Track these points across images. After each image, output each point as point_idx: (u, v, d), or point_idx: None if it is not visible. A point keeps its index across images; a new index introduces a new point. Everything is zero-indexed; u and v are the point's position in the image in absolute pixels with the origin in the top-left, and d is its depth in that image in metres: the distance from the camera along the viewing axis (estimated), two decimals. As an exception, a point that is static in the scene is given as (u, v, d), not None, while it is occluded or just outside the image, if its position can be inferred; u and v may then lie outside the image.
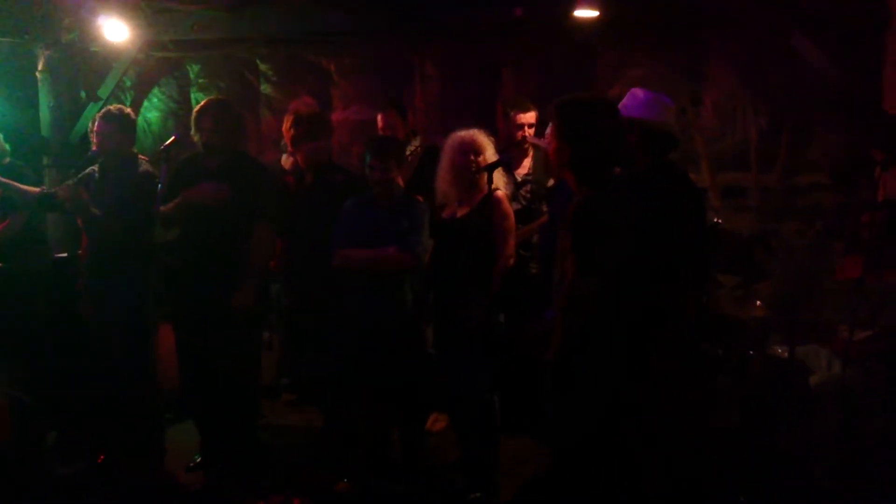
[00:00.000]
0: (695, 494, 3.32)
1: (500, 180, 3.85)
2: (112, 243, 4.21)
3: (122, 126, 4.28)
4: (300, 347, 4.86)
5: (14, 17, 5.40)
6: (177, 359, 4.28)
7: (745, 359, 4.08)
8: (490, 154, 3.81)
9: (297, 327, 4.62)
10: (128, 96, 6.31)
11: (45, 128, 5.89)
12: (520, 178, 4.62)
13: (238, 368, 4.11)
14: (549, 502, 3.38)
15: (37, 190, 4.50)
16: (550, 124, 3.06)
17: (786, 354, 3.98)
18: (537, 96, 4.97)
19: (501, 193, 3.81)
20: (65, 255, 5.04)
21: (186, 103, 6.47)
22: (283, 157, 5.04)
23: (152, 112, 6.47)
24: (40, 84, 5.87)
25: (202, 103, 4.24)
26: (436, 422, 4.54)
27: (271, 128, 6.26)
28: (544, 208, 4.44)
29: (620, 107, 3.46)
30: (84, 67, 5.99)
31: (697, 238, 3.22)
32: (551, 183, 4.35)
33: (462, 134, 3.85)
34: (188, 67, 6.44)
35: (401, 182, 3.98)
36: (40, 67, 5.83)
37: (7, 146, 4.65)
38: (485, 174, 3.61)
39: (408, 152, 4.75)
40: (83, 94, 5.99)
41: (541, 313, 3.20)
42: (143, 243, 4.25)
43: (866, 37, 4.38)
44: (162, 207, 4.11)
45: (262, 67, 6.39)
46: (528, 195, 4.62)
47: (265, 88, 6.40)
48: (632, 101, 3.48)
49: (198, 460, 4.25)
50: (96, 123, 4.28)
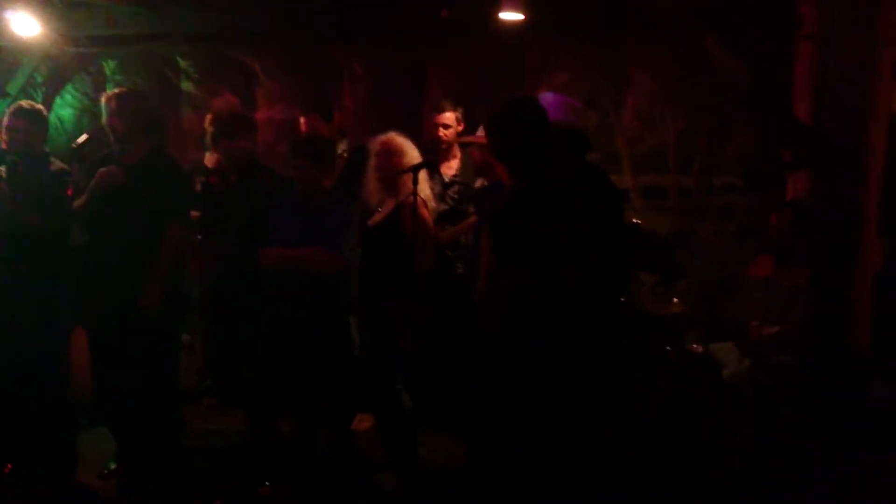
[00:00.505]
0: (614, 484, 3.40)
1: (425, 182, 3.85)
2: (24, 243, 4.07)
3: (34, 122, 4.16)
4: (222, 350, 4.79)
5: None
6: (90, 363, 4.13)
7: (662, 354, 4.21)
8: (412, 156, 3.80)
9: (219, 330, 4.55)
10: (39, 92, 6.07)
11: (-50, 124, 5.65)
12: (447, 179, 4.64)
13: (153, 371, 3.98)
14: (471, 496, 3.40)
15: None
16: (482, 125, 3.11)
17: (701, 350, 4.12)
18: (464, 98, 5.01)
19: (419, 199, 3.69)
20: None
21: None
22: (207, 155, 4.95)
23: (65, 109, 6.25)
24: (-55, 80, 5.64)
25: (109, 93, 4.09)
26: (361, 421, 4.52)
27: (193, 125, 6.12)
28: (472, 209, 4.47)
29: None
30: (-7, 62, 5.77)
31: (616, 237, 3.29)
32: (480, 184, 4.39)
33: (382, 137, 3.86)
34: (104, 63, 6.24)
35: (328, 183, 3.95)
36: (-56, 62, 5.60)
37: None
38: (408, 176, 3.61)
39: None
40: (-8, 89, 5.77)
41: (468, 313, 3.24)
42: (56, 244, 4.14)
43: (778, 43, 4.55)
44: (76, 203, 4.01)
45: (183, 64, 6.24)
46: (456, 196, 4.64)
47: (186, 86, 6.26)
48: (551, 104, 3.54)
49: (112, 467, 4.10)
50: (6, 119, 4.14)
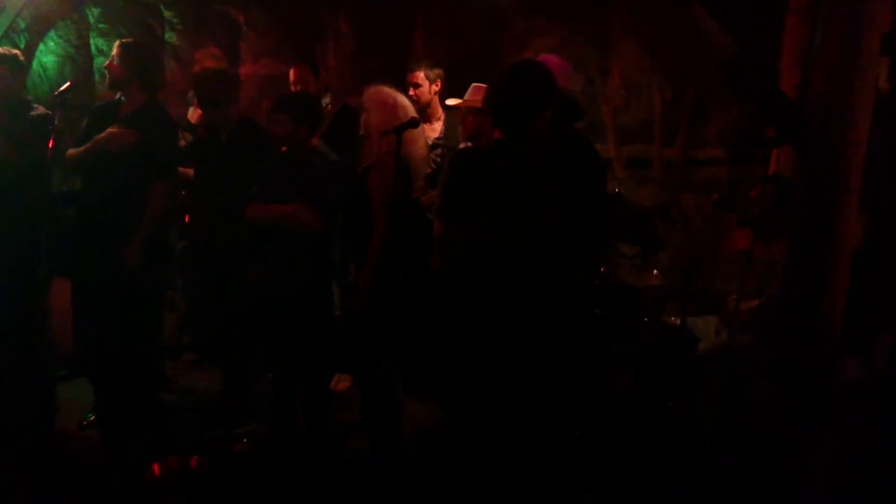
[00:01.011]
0: (583, 452, 3.46)
1: (415, 143, 3.76)
2: (7, 190, 4.06)
3: (12, 68, 4.12)
4: (204, 306, 4.79)
5: None
6: (72, 314, 4.14)
7: (640, 326, 4.25)
8: (400, 112, 3.70)
9: (201, 286, 4.54)
10: (21, 38, 5.94)
11: (-72, 69, 5.53)
12: (430, 142, 4.61)
13: (135, 325, 4.01)
14: (446, 463, 3.45)
15: None
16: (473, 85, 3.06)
17: (678, 322, 4.16)
18: (446, 60, 4.97)
19: (389, 158, 3.62)
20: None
21: (85, 48, 6.17)
22: (190, 110, 4.89)
23: (48, 56, 6.14)
24: (-75, 22, 5.52)
25: (119, 42, 4.06)
26: (339, 382, 4.54)
27: (177, 78, 6.04)
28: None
29: None
30: (-27, 7, 5.64)
31: (594, 205, 3.29)
32: (463, 146, 4.37)
33: (369, 90, 3.79)
34: (87, 11, 6.12)
35: (315, 140, 3.92)
36: (-78, 4, 5.48)
37: None
38: (376, 136, 3.58)
39: None
40: (-28, 34, 5.66)
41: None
42: (36, 191, 4.09)
43: (764, 17, 4.54)
44: (71, 151, 4.01)
45: (167, 14, 6.14)
46: (439, 158, 4.62)
47: (170, 37, 6.15)
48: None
49: (91, 419, 4.15)
50: None
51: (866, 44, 3.14)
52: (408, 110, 3.75)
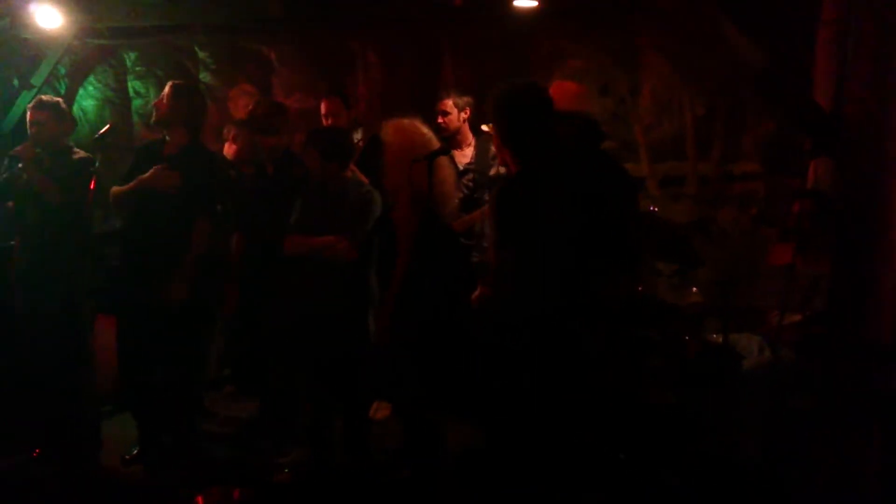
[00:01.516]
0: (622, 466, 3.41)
1: (448, 172, 3.76)
2: (48, 231, 4.15)
3: (55, 114, 4.23)
4: (243, 339, 4.84)
5: (-57, 3, 5.25)
6: (116, 350, 4.20)
7: (680, 344, 4.18)
8: (422, 142, 3.68)
9: (241, 319, 4.60)
10: (62, 84, 6.14)
11: (-25, 116, 5.74)
12: (461, 167, 4.64)
13: (178, 361, 4.07)
14: (485, 483, 3.43)
15: None
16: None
17: (720, 340, 4.08)
18: (476, 85, 4.99)
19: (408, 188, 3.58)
20: (-2, 245, 4.92)
21: (123, 92, 6.33)
22: (226, 146, 4.99)
23: (88, 100, 6.31)
24: (-29, 71, 5.71)
25: (170, 84, 4.14)
26: (378, 410, 4.55)
27: (211, 116, 6.14)
28: (486, 197, 4.47)
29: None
30: (16, 54, 5.80)
31: (627, 224, 3.28)
32: (494, 171, 4.39)
33: (392, 122, 3.78)
34: (125, 55, 6.28)
35: (349, 172, 3.97)
36: (-31, 53, 5.67)
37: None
38: (422, 165, 3.59)
39: None
40: (16, 81, 5.83)
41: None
42: (79, 231, 4.21)
43: (796, 26, 4.49)
44: (115, 189, 4.08)
45: (201, 55, 6.28)
46: (471, 183, 4.65)
47: (204, 76, 6.29)
48: (560, 93, 3.53)
49: (135, 453, 4.19)
50: (29, 113, 4.22)
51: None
52: (430, 139, 3.74)
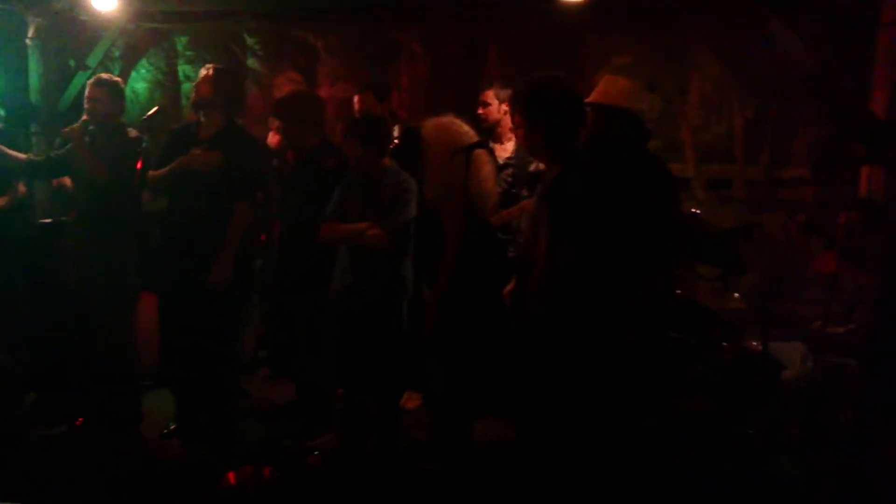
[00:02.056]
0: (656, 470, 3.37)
1: (487, 166, 3.77)
2: (99, 209, 4.24)
3: (112, 93, 4.30)
4: (279, 323, 4.90)
5: (5, -16, 5.41)
6: (158, 328, 4.32)
7: (718, 350, 4.11)
8: (461, 139, 3.67)
9: (278, 303, 4.65)
10: (116, 66, 6.26)
11: (34, 95, 5.86)
12: (501, 161, 4.61)
13: (216, 341, 4.13)
14: (514, 480, 3.41)
15: (24, 157, 4.50)
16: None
17: (759, 348, 4.00)
18: (521, 80, 4.92)
19: (456, 182, 3.57)
20: (49, 220, 5.07)
21: (173, 75, 6.44)
22: (270, 134, 5.04)
23: (139, 83, 6.43)
24: (30, 51, 5.83)
25: (209, 68, 4.20)
26: (409, 400, 4.57)
27: (257, 102, 6.24)
28: (525, 192, 4.44)
29: (598, 94, 3.47)
30: (73, 36, 5.94)
31: (667, 225, 3.23)
32: (534, 167, 4.36)
33: (432, 121, 3.78)
34: (176, 39, 6.39)
35: (387, 160, 3.98)
36: (30, 35, 5.79)
37: (1, 111, 4.65)
38: (454, 158, 3.59)
39: None
40: (72, 62, 5.97)
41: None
42: (128, 210, 4.30)
43: (854, 30, 4.37)
44: (152, 172, 4.16)
45: (250, 41, 6.35)
46: (510, 178, 4.61)
47: (252, 63, 6.36)
48: (610, 89, 3.49)
49: (172, 428, 4.29)
50: (87, 90, 4.30)
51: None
52: (468, 134, 3.73)
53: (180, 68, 6.43)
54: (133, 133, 4.32)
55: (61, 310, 4.49)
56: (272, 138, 4.96)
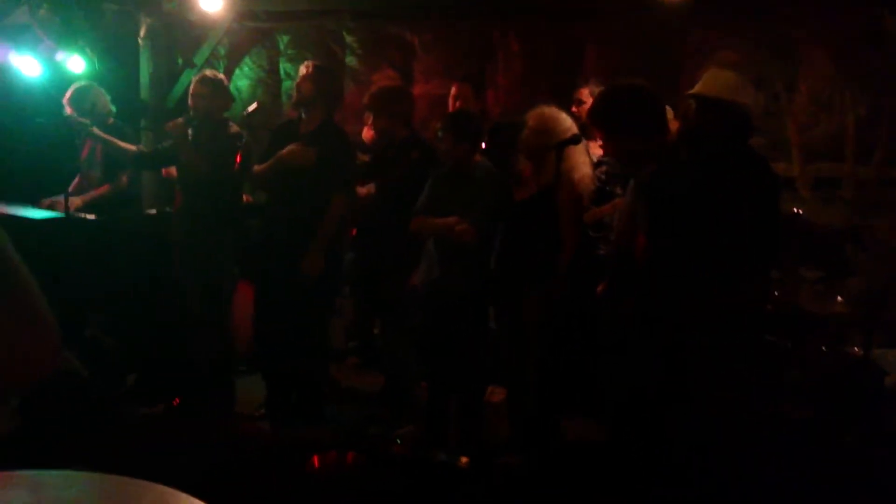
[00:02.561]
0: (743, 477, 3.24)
1: (581, 162, 3.75)
2: (200, 201, 4.40)
3: (216, 90, 4.44)
4: (369, 315, 4.98)
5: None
6: (252, 315, 4.44)
7: (818, 354, 3.93)
8: (565, 132, 3.72)
9: (367, 295, 4.73)
10: (221, 64, 6.52)
11: (143, 92, 6.15)
12: (595, 159, 4.54)
13: (308, 331, 4.25)
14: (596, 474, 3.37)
15: (134, 148, 4.73)
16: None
17: (861, 353, 3.81)
18: (621, 76, 4.84)
19: (576, 176, 3.65)
20: (154, 211, 5.31)
21: (275, 73, 6.65)
22: (365, 129, 5.13)
23: (243, 80, 6.67)
24: (141, 50, 6.12)
25: (308, 63, 4.32)
26: (493, 394, 4.56)
27: (355, 99, 6.35)
28: (619, 190, 4.35)
29: (701, 85, 3.39)
30: (181, 35, 6.21)
31: (766, 224, 3.11)
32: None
33: (535, 111, 3.81)
34: (278, 38, 6.60)
35: (478, 156, 4.00)
36: (142, 34, 6.08)
37: (113, 108, 4.90)
38: (552, 153, 3.56)
39: None
40: (180, 60, 6.23)
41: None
42: (229, 203, 4.45)
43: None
44: (256, 167, 4.30)
45: (349, 39, 6.49)
46: (603, 176, 4.54)
47: (350, 60, 6.50)
48: (714, 81, 3.39)
49: (262, 411, 4.42)
50: (192, 86, 4.47)
51: None
52: (569, 127, 3.71)
53: (282, 66, 6.64)
54: (234, 129, 4.46)
55: (164, 296, 4.67)
56: (367, 133, 5.05)
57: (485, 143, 4.54)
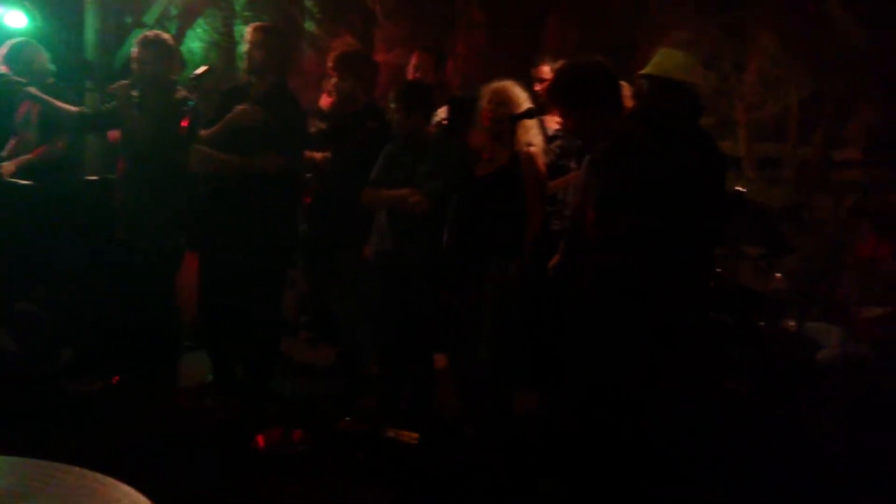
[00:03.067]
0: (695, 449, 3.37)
1: (536, 135, 3.78)
2: (143, 167, 4.24)
3: (160, 52, 4.28)
4: (320, 286, 4.96)
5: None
6: (197, 287, 4.33)
7: (755, 330, 4.07)
8: (524, 106, 3.72)
9: (320, 266, 4.72)
10: (172, 25, 6.35)
11: (89, 51, 5.97)
12: (550, 133, 4.58)
13: (259, 304, 4.14)
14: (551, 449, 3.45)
15: (76, 109, 4.54)
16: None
17: (795, 328, 3.96)
18: (577, 52, 4.88)
19: (534, 150, 3.69)
20: (95, 177, 5.11)
21: (230, 35, 6.51)
22: (322, 96, 5.06)
23: (195, 42, 6.52)
24: (87, 7, 5.94)
25: (255, 24, 4.22)
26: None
27: (313, 65, 6.28)
28: (573, 164, 4.41)
29: (652, 65, 3.45)
30: (130, -7, 6.06)
31: (711, 203, 3.20)
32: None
33: (493, 84, 3.81)
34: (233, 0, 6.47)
35: (432, 127, 4.00)
36: (88, -10, 5.92)
37: (52, 67, 4.68)
38: (510, 126, 3.59)
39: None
40: (128, 19, 6.06)
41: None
42: (174, 169, 4.26)
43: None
44: (203, 132, 4.15)
45: (308, 3, 6.38)
46: (558, 150, 4.58)
47: (309, 25, 6.40)
48: (665, 61, 3.46)
49: (207, 383, 4.32)
50: (134, 49, 4.31)
51: None
52: (524, 101, 3.73)
53: (236, 29, 6.49)
54: (181, 93, 4.29)
55: (104, 268, 4.49)
56: (324, 100, 4.99)
57: (446, 117, 4.55)
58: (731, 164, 4.77)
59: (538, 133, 3.82)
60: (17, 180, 4.43)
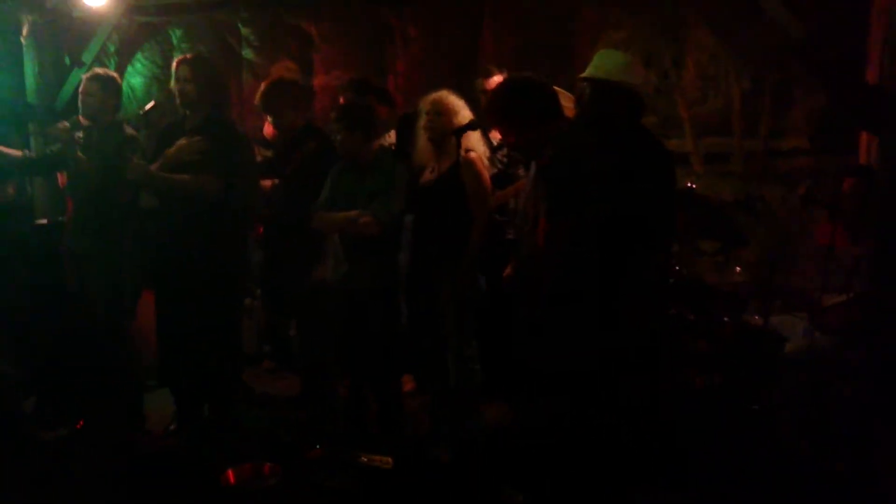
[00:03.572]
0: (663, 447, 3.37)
1: (478, 144, 3.82)
2: (93, 208, 4.20)
3: (106, 89, 4.24)
4: (279, 314, 4.91)
5: (-2, -17, 5.40)
6: (155, 325, 4.25)
7: (719, 325, 4.09)
8: (464, 115, 3.79)
9: (278, 295, 4.66)
10: (112, 61, 6.27)
11: (30, 94, 5.89)
12: (496, 142, 4.59)
13: (217, 336, 4.10)
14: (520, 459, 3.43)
15: (19, 153, 4.45)
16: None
17: (760, 321, 3.98)
18: (516, 57, 4.92)
19: (474, 155, 3.75)
20: (44, 221, 5.07)
21: (169, 69, 6.35)
22: (265, 125, 5.02)
23: (136, 78, 6.44)
24: (25, 50, 5.86)
25: (180, 58, 4.16)
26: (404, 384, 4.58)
27: (253, 93, 6.20)
28: (521, 172, 4.42)
29: (592, 68, 3.46)
30: (68, 33, 5.95)
31: (663, 201, 3.21)
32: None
33: (433, 95, 3.85)
34: (171, 32, 6.39)
35: (375, 146, 3.99)
36: (24, 33, 5.82)
37: (-7, 112, 4.65)
38: (453, 137, 3.61)
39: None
40: (67, 59, 5.97)
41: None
42: (125, 208, 4.24)
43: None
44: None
45: (244, 32, 6.33)
46: (505, 159, 4.60)
47: (247, 53, 6.35)
48: (603, 63, 3.46)
49: (173, 427, 4.27)
50: (81, 85, 4.25)
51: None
52: (465, 112, 3.81)
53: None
54: (129, 131, 4.26)
55: (60, 312, 4.46)
56: (267, 129, 4.95)
57: (395, 135, 4.54)
58: (678, 161, 4.82)
59: (480, 140, 3.87)
60: None
